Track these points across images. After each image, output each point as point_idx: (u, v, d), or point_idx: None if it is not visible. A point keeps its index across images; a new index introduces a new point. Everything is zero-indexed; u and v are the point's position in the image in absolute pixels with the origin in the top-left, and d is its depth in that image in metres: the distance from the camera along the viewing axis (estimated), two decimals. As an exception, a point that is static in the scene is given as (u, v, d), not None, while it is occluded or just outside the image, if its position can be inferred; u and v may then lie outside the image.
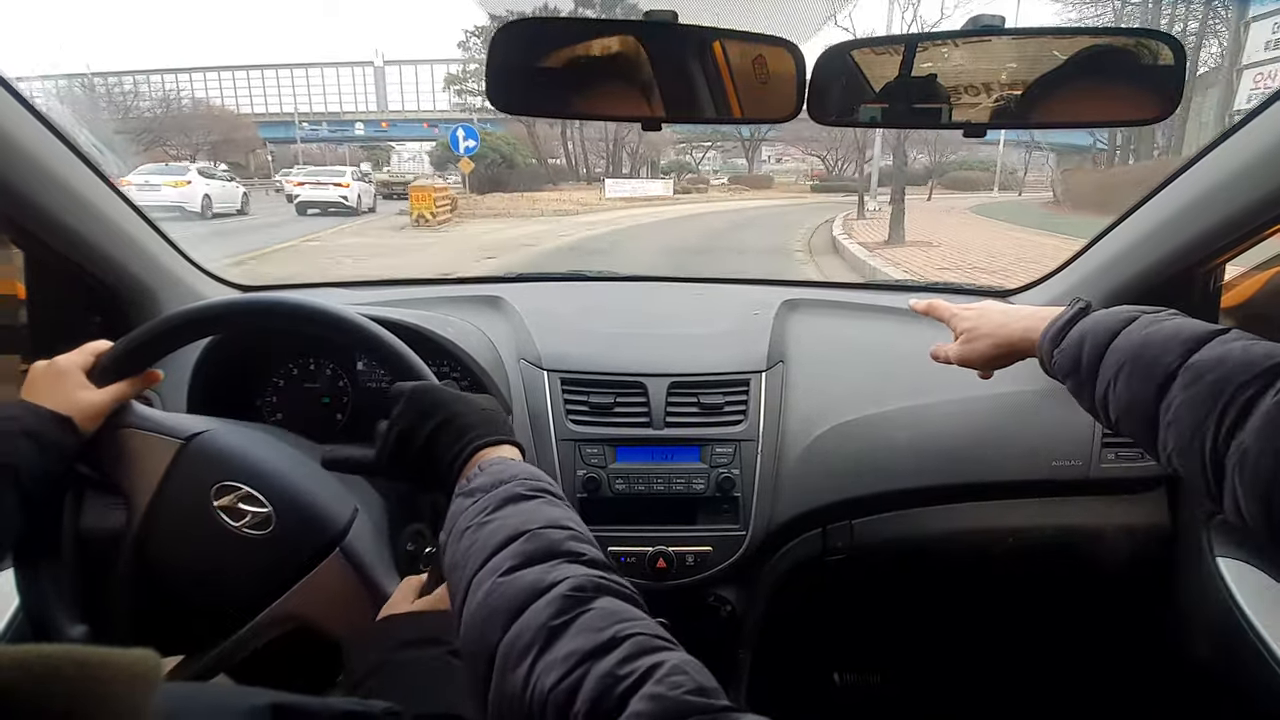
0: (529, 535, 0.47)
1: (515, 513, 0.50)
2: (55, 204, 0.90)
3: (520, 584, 0.43)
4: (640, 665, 0.36)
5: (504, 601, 0.43)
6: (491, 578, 0.45)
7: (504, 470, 0.54)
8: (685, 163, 32.23)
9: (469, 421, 0.59)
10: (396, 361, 0.69)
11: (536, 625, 0.40)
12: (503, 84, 0.71)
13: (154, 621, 0.69)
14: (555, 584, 0.42)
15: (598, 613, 0.41)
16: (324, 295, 1.32)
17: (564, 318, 1.21)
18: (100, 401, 0.68)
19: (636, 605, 0.43)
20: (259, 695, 0.39)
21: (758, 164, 33.57)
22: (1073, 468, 1.05)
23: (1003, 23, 0.68)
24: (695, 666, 0.37)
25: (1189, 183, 0.98)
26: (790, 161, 35.08)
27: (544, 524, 0.48)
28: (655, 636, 0.39)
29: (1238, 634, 0.94)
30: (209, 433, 0.72)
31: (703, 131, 25.15)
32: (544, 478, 0.55)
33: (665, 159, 30.93)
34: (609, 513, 0.98)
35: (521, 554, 0.46)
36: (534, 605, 0.41)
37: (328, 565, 0.70)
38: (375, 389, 1.10)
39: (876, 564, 1.09)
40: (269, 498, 0.69)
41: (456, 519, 0.51)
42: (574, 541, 0.47)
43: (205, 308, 0.74)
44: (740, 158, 33.79)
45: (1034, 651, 1.30)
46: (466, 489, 0.53)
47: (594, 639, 0.39)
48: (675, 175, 28.17)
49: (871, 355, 1.18)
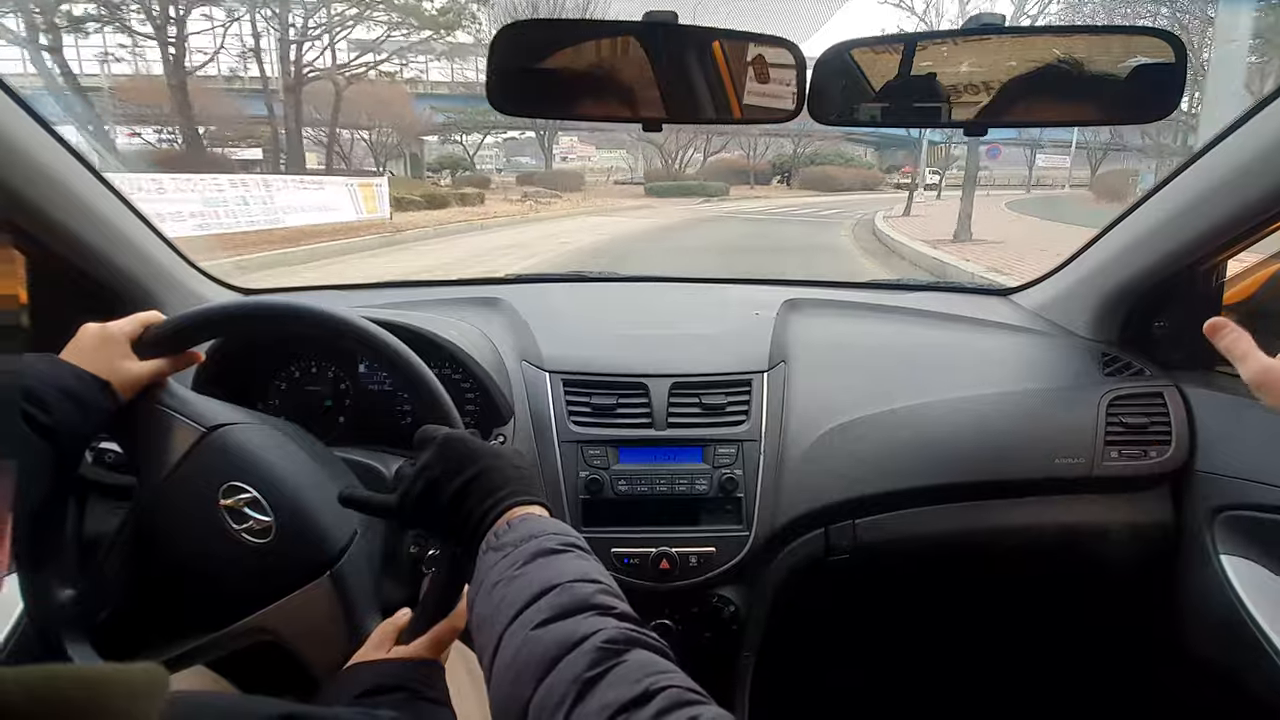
0: (560, 589, 0.47)
1: (545, 566, 0.49)
2: (55, 206, 0.90)
3: (553, 637, 0.43)
4: (676, 719, 0.37)
5: (536, 655, 0.43)
6: (523, 631, 0.45)
7: (533, 526, 0.53)
8: (456, 157, 22.55)
9: (504, 478, 0.58)
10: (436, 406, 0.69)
11: (570, 678, 0.40)
12: (503, 85, 0.71)
13: (139, 598, 0.69)
14: (587, 636, 0.42)
15: (631, 665, 0.41)
16: (325, 298, 1.32)
17: (565, 319, 1.21)
18: (141, 373, 0.68)
19: (667, 658, 0.43)
20: (268, 705, 0.39)
21: (553, 158, 24.95)
22: (1076, 465, 1.05)
23: (1003, 21, 0.68)
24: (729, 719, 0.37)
25: (1189, 181, 0.98)
26: (605, 152, 27.87)
27: (574, 578, 0.48)
28: (689, 690, 0.40)
29: (1242, 631, 0.94)
30: (231, 427, 0.72)
31: (480, 106, 15.86)
32: (572, 532, 0.55)
33: (432, 153, 22.44)
34: (612, 514, 0.98)
35: (553, 607, 0.45)
36: (567, 658, 0.41)
37: (314, 588, 0.70)
38: (377, 392, 1.10)
39: (880, 564, 1.09)
40: (274, 507, 0.69)
41: (486, 574, 0.51)
42: (604, 595, 0.47)
43: (272, 305, 0.75)
44: (529, 153, 24.78)
45: (1039, 650, 1.30)
46: (496, 544, 0.53)
47: (629, 691, 0.39)
48: (448, 174, 20.54)
49: (873, 355, 1.18)
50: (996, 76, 0.71)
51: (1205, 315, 1.15)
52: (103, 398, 0.65)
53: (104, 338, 0.67)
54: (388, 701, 0.56)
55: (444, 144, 22.61)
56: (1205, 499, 1.03)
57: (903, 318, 1.30)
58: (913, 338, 1.24)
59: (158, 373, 0.70)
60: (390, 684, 0.58)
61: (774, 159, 24.85)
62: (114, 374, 0.66)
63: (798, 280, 1.53)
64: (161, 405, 0.70)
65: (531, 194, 17.91)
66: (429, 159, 22.17)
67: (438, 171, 20.96)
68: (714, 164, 24.33)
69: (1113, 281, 1.16)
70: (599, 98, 0.73)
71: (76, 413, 0.62)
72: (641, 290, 1.50)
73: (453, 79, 20.13)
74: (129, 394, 0.68)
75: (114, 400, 0.66)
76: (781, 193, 22.69)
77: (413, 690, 0.58)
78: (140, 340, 0.70)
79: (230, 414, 0.74)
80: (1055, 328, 1.26)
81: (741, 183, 21.91)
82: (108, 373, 0.66)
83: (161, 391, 0.71)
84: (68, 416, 0.61)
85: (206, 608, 0.69)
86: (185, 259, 1.16)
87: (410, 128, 18.92)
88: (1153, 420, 1.07)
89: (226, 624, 0.69)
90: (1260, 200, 0.90)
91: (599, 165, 27.79)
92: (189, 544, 0.69)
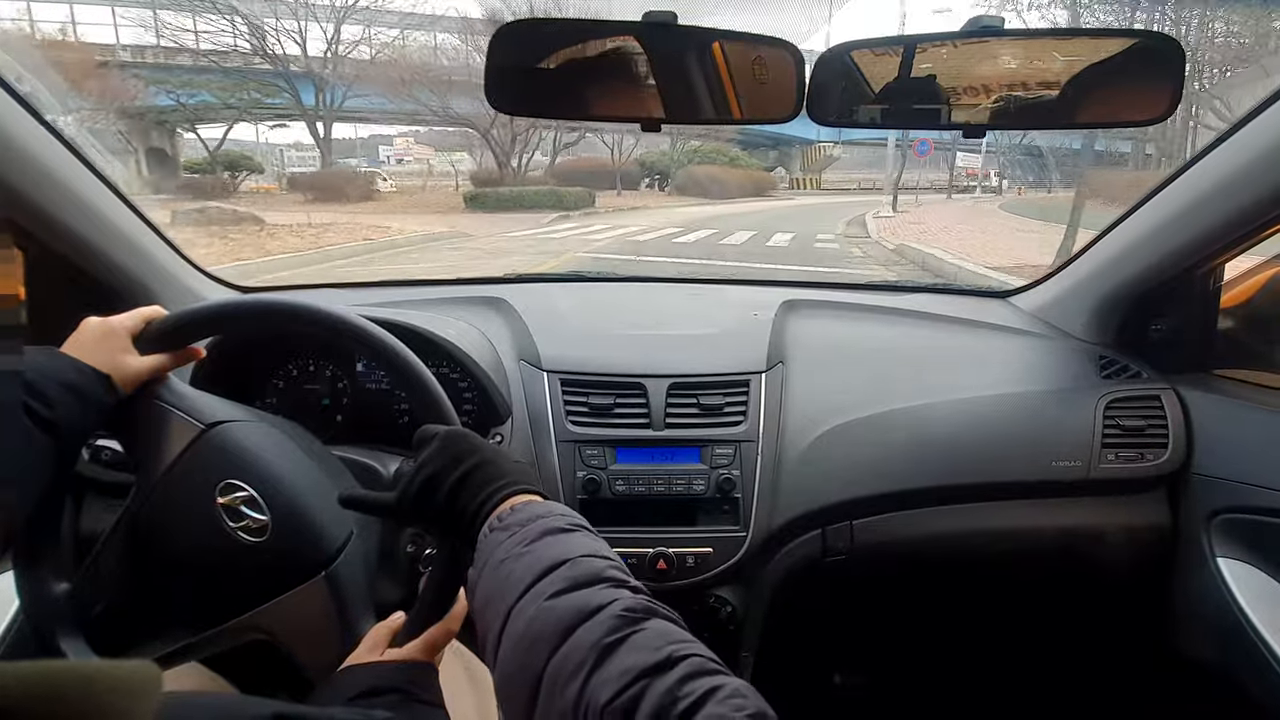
0: (571, 563, 0.47)
1: (555, 543, 0.49)
2: (54, 203, 0.90)
3: (568, 606, 0.43)
4: (700, 686, 0.36)
5: (551, 624, 0.42)
6: (536, 603, 0.44)
7: (537, 508, 0.53)
8: (236, 155, 15.64)
9: (502, 469, 0.58)
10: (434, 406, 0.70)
11: (589, 644, 0.40)
12: (501, 85, 0.71)
13: (134, 593, 0.69)
14: (605, 605, 0.42)
15: (651, 633, 0.40)
16: (324, 297, 1.32)
17: (564, 318, 1.21)
18: (141, 368, 0.68)
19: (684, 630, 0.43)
20: (261, 705, 0.39)
21: (381, 161, 19.85)
22: (1073, 468, 1.05)
23: (1002, 24, 0.68)
24: (753, 691, 0.37)
25: (1187, 184, 0.98)
26: (446, 155, 21.19)
27: (585, 553, 0.48)
28: (710, 659, 0.39)
29: (1239, 634, 0.94)
30: (230, 425, 0.72)
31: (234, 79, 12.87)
32: (578, 515, 0.55)
33: (192, 149, 15.75)
34: (609, 514, 0.98)
35: (566, 579, 0.45)
36: (584, 625, 0.41)
37: (308, 588, 0.70)
38: (375, 390, 1.10)
39: (876, 565, 1.09)
40: (270, 506, 0.69)
41: (491, 553, 0.51)
42: (616, 571, 0.47)
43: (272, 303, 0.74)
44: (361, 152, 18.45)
45: (1035, 652, 1.30)
46: (500, 525, 0.52)
47: (650, 657, 0.38)
48: (229, 175, 14.27)
49: (871, 356, 1.18)
50: (996, 78, 0.71)
51: (1203, 318, 1.16)
52: (103, 392, 0.65)
53: (105, 331, 0.67)
54: (382, 703, 0.56)
55: (160, 130, 15.54)
56: (1202, 502, 1.03)
57: (901, 319, 1.30)
58: (910, 339, 1.25)
59: (158, 368, 0.70)
60: (385, 686, 0.58)
61: (642, 157, 19.94)
62: (115, 368, 0.66)
63: (796, 281, 1.54)
64: (161, 401, 0.70)
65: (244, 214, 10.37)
66: (193, 157, 15.68)
67: (206, 173, 14.89)
68: (566, 165, 18.03)
69: (1111, 284, 1.16)
70: (598, 97, 0.73)
71: (77, 406, 0.62)
72: (640, 291, 1.50)
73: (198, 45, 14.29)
74: (129, 388, 0.68)
75: (114, 394, 0.66)
76: (661, 200, 17.39)
77: (406, 692, 0.57)
78: (142, 335, 0.69)
79: (229, 411, 0.74)
80: (1053, 330, 1.26)
81: (606, 187, 16.44)
82: (109, 367, 0.65)
83: (161, 387, 0.71)
84: (68, 410, 0.61)
85: (201, 604, 0.69)
86: (184, 257, 1.16)
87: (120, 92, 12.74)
88: (1150, 423, 1.07)
89: (220, 622, 0.69)
90: (1257, 204, 0.90)
91: (441, 168, 21.65)
92: (185, 540, 0.68)
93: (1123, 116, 0.78)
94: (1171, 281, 1.09)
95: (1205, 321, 1.12)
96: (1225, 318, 1.12)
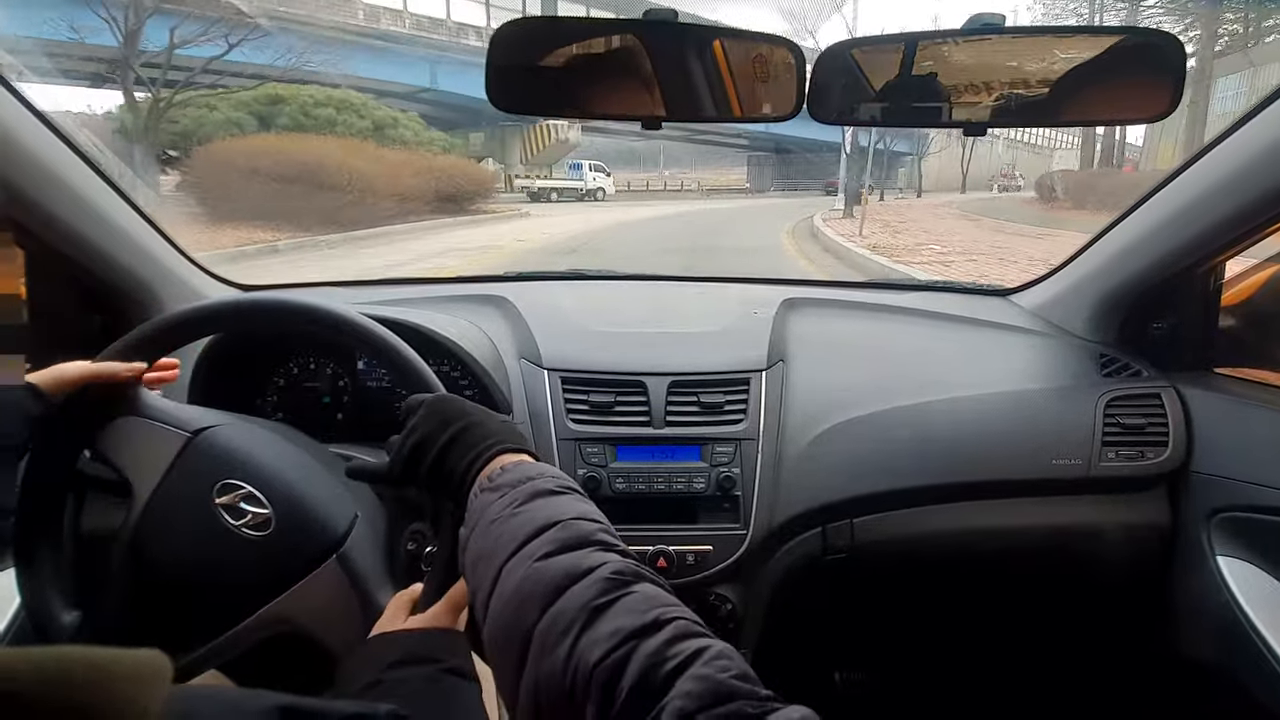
0: (562, 525, 0.47)
1: (545, 505, 0.50)
2: (54, 202, 0.90)
3: (558, 567, 0.43)
4: (686, 648, 0.37)
5: (541, 585, 0.43)
6: (526, 564, 0.45)
7: (528, 469, 0.54)
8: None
9: (490, 429, 0.59)
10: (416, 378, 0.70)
11: (578, 605, 0.40)
12: (503, 83, 0.71)
13: (146, 612, 0.69)
14: (594, 568, 0.43)
15: (639, 596, 0.41)
16: (325, 295, 1.32)
17: (564, 316, 1.21)
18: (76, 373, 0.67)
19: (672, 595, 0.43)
20: (267, 698, 0.39)
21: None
22: (1073, 466, 1.05)
23: (1003, 21, 0.68)
24: (737, 654, 0.38)
25: (1188, 182, 0.98)
26: None
27: (576, 515, 0.49)
28: (695, 623, 0.40)
29: (1238, 633, 0.94)
30: (216, 429, 0.72)
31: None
32: (569, 479, 0.55)
33: None
34: (609, 512, 0.96)
35: (556, 541, 0.46)
36: (574, 588, 0.42)
37: (323, 572, 0.70)
38: (375, 388, 1.10)
39: (877, 563, 1.09)
40: (270, 499, 0.69)
41: (482, 512, 0.51)
42: (606, 534, 0.48)
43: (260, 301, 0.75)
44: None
45: (1035, 650, 1.30)
46: (490, 485, 0.53)
47: (638, 619, 0.39)
48: None
49: (872, 354, 1.18)
50: (997, 76, 0.71)
51: (1203, 317, 1.16)
52: (30, 401, 0.63)
53: None
54: (418, 674, 0.56)
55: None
56: (1202, 500, 1.03)
57: (901, 317, 1.30)
58: (911, 337, 1.25)
59: (97, 374, 0.69)
60: (417, 655, 0.57)
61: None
62: (39, 375, 0.65)
63: (796, 279, 1.53)
64: (143, 416, 0.70)
65: None
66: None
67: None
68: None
69: (1111, 282, 1.16)
70: (598, 95, 0.73)
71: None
72: (640, 289, 1.50)
73: None
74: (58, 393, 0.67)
75: (44, 402, 0.65)
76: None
77: (439, 660, 0.57)
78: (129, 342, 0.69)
79: (213, 417, 0.74)
80: (1054, 328, 1.26)
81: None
82: (32, 375, 0.64)
83: (140, 403, 0.71)
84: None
85: (218, 609, 0.70)
86: (185, 255, 1.16)
87: None
88: (1150, 421, 1.07)
89: (237, 621, 0.69)
90: (1259, 202, 0.90)
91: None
92: (191, 549, 0.69)
93: (1124, 114, 0.78)
94: (1172, 280, 1.09)
95: (1206, 320, 1.12)
96: (1226, 316, 1.12)
